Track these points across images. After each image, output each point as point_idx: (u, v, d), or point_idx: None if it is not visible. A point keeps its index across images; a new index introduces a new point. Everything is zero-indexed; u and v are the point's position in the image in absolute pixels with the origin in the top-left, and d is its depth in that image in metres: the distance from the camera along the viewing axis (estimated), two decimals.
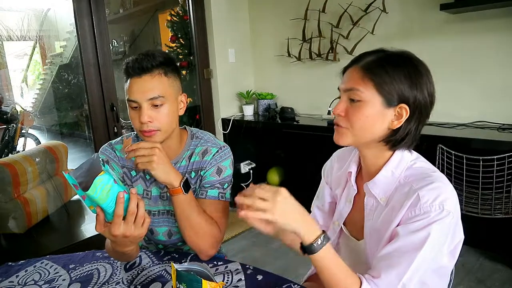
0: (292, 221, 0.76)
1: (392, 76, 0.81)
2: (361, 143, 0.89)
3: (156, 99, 1.03)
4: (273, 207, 0.74)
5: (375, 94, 0.82)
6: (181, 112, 1.13)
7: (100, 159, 0.83)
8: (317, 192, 1.15)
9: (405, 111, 0.82)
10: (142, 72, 1.02)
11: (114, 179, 0.82)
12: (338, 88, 0.89)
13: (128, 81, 1.05)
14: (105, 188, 0.79)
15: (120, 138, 1.21)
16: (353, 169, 0.98)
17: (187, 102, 1.15)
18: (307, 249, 0.78)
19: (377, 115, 0.83)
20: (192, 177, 1.15)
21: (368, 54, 0.86)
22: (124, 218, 0.84)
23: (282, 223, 0.75)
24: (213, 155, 1.14)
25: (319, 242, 0.77)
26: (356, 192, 0.97)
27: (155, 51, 1.06)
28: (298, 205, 0.78)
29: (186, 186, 1.05)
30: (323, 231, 0.78)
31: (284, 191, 0.76)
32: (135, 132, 1.16)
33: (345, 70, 0.89)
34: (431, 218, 0.77)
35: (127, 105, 1.07)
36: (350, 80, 0.85)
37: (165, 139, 1.08)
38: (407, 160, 0.88)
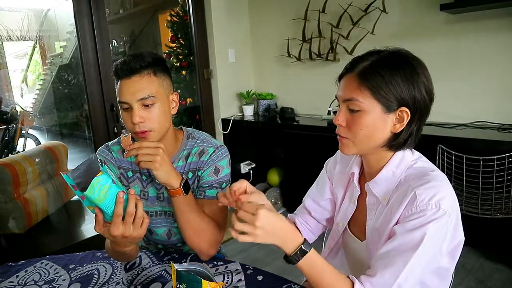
0: (270, 239, 0.77)
1: (389, 80, 0.80)
2: (365, 151, 0.88)
3: (147, 99, 1.02)
4: (253, 231, 0.75)
5: (374, 102, 0.81)
6: (174, 111, 1.13)
7: (98, 160, 0.82)
8: (315, 185, 1.13)
9: (405, 114, 0.82)
10: (131, 73, 1.02)
11: (112, 179, 0.82)
12: (336, 96, 0.88)
13: (118, 83, 1.05)
14: (103, 188, 0.79)
15: (116, 139, 1.20)
16: (356, 171, 0.98)
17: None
18: (288, 261, 0.79)
19: (379, 122, 0.82)
20: (190, 177, 1.15)
21: (362, 58, 0.85)
22: (123, 219, 0.84)
23: (262, 242, 0.77)
24: (210, 155, 1.14)
25: (298, 253, 0.77)
26: (359, 193, 0.97)
27: (143, 52, 1.05)
28: (278, 221, 0.77)
29: (186, 187, 1.05)
30: (304, 240, 0.79)
31: (262, 213, 0.75)
32: None
33: (340, 77, 0.88)
34: (427, 217, 0.77)
35: (119, 107, 1.06)
36: (346, 89, 0.84)
37: (159, 139, 1.07)
38: (408, 160, 0.87)
